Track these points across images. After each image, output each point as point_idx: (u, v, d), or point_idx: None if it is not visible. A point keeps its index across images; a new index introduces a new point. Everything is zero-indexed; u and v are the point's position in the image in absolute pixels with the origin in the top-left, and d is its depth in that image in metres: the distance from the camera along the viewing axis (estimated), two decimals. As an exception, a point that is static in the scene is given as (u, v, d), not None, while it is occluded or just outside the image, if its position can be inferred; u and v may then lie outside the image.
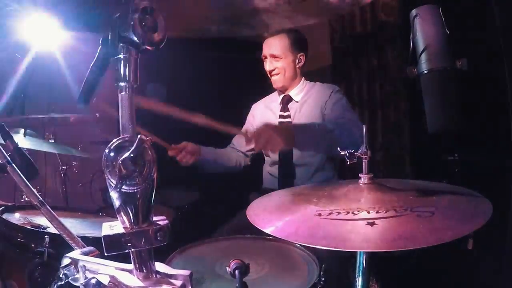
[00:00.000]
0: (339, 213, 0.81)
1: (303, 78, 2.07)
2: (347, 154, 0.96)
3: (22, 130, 1.90)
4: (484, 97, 1.89)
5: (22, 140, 1.84)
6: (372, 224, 0.73)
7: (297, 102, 2.04)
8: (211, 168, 2.11)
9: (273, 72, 1.99)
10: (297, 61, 1.99)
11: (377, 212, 0.78)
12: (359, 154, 0.95)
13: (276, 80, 2.01)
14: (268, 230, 0.81)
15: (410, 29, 1.10)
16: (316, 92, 2.02)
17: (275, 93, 2.18)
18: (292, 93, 2.05)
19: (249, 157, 2.23)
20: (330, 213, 0.81)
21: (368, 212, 0.79)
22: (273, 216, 0.89)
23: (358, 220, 0.76)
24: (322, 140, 1.90)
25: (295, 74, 2.02)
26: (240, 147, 2.21)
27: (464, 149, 2.06)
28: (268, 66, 2.00)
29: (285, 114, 2.06)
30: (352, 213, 0.80)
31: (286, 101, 2.06)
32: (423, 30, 1.06)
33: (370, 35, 2.49)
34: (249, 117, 2.27)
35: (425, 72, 1.08)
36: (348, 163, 0.97)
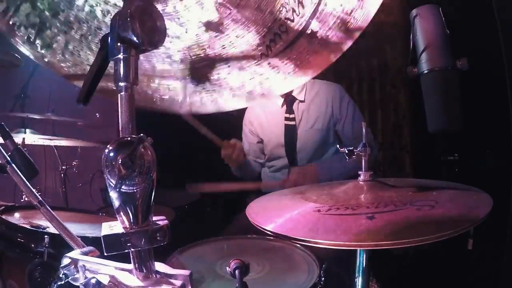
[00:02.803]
0: (338, 208, 0.81)
1: None
2: (346, 152, 0.96)
3: (21, 130, 1.90)
4: (484, 97, 1.88)
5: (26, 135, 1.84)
6: (371, 218, 0.73)
7: (303, 101, 1.93)
8: (243, 173, 2.11)
9: None
10: None
11: (376, 207, 0.78)
12: (358, 152, 0.95)
13: None
14: (268, 227, 0.80)
15: (410, 29, 1.10)
16: (321, 90, 1.95)
17: None
18: (296, 92, 1.93)
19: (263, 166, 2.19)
20: (329, 209, 0.81)
21: (368, 207, 0.79)
22: (272, 213, 0.89)
23: (357, 215, 0.76)
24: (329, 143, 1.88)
25: None
26: (257, 158, 2.16)
27: (464, 149, 2.06)
28: None
29: (291, 116, 1.94)
30: (352, 208, 0.80)
31: (290, 102, 1.94)
32: (423, 30, 1.06)
33: (370, 35, 2.48)
34: (248, 128, 2.13)
35: (425, 72, 1.07)
36: (347, 160, 0.97)
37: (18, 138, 1.90)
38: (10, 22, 0.72)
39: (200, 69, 0.77)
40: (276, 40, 0.71)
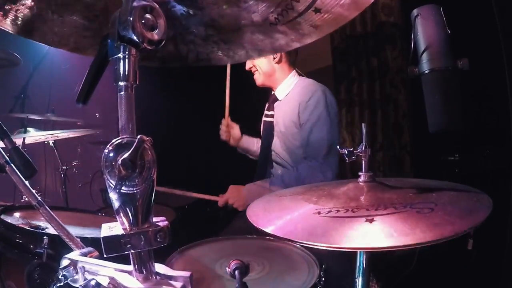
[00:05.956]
0: (338, 211, 0.81)
1: (291, 74, 1.97)
2: (346, 152, 0.96)
3: (22, 130, 1.90)
4: (484, 97, 1.89)
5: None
6: (371, 220, 0.73)
7: (280, 101, 2.00)
8: (243, 151, 2.28)
9: (252, 70, 1.99)
10: (272, 57, 1.91)
11: (376, 210, 0.78)
12: (358, 153, 0.95)
13: (256, 78, 2.00)
14: (268, 229, 0.80)
15: (411, 29, 1.10)
16: (298, 91, 1.93)
17: None
18: (278, 90, 2.00)
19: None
20: (329, 211, 0.81)
21: (367, 210, 0.79)
22: (272, 215, 0.88)
23: (357, 217, 0.76)
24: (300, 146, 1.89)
25: (273, 70, 1.95)
26: (248, 153, 2.29)
27: (464, 149, 2.06)
28: (247, 65, 1.99)
29: (269, 113, 2.05)
30: (351, 210, 0.80)
31: (273, 100, 2.04)
32: (424, 30, 1.06)
33: (370, 35, 2.48)
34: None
35: (426, 72, 1.07)
36: (347, 161, 0.96)
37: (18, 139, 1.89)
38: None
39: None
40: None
